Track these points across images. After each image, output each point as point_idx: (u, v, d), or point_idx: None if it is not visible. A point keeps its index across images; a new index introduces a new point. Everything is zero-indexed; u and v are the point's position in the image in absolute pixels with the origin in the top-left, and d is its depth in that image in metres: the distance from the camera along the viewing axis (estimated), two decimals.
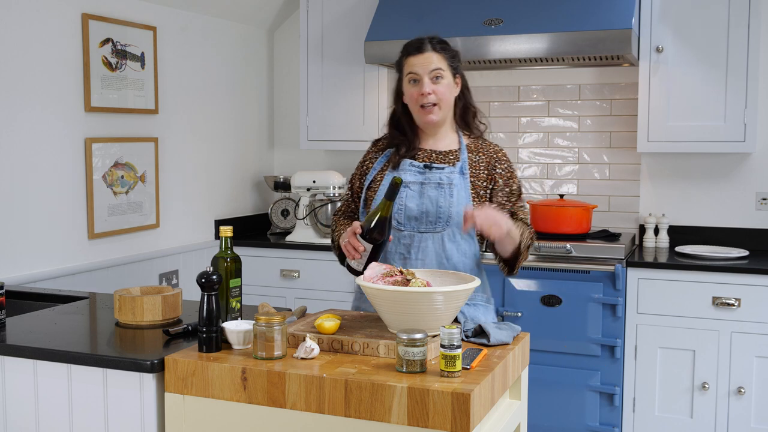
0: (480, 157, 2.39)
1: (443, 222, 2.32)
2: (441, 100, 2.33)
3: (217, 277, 1.93)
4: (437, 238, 2.33)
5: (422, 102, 2.32)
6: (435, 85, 2.32)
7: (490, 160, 2.39)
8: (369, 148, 2.54)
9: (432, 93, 2.31)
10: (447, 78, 2.34)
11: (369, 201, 2.42)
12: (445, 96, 2.34)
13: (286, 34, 4.71)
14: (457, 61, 2.38)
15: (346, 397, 1.72)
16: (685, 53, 3.61)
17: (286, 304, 4.08)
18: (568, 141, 4.17)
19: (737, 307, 3.36)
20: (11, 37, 3.03)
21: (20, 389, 2.04)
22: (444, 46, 2.37)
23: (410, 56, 2.35)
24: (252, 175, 4.57)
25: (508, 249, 2.30)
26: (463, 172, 2.35)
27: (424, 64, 2.32)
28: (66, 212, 3.29)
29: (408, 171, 2.37)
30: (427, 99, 2.32)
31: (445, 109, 2.37)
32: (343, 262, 2.47)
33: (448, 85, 2.34)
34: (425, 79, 2.31)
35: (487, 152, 2.41)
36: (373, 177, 2.44)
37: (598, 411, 3.53)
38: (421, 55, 2.33)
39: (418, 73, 2.32)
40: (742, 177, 3.87)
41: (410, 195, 2.34)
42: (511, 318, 3.59)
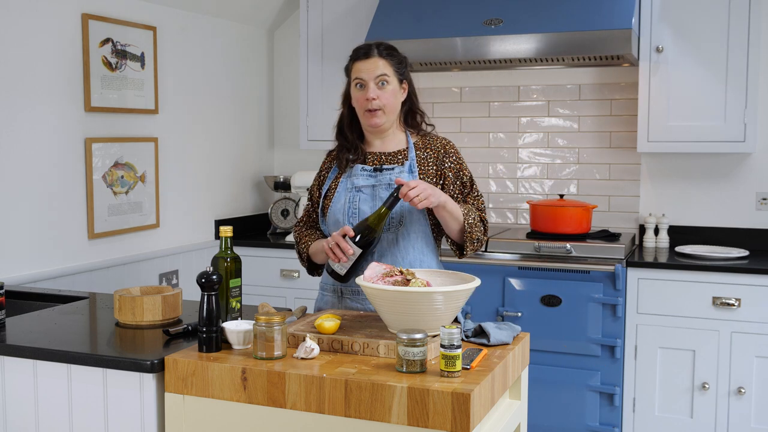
0: (428, 153, 2.42)
1: (396, 222, 2.35)
2: (385, 105, 2.36)
3: (217, 277, 1.93)
4: (391, 237, 2.36)
5: (367, 106, 2.37)
6: (380, 91, 2.35)
7: (438, 155, 2.41)
8: (324, 159, 2.58)
9: (377, 98, 2.35)
10: (392, 84, 2.37)
11: (326, 210, 2.45)
12: (389, 101, 2.37)
13: (286, 34, 4.71)
14: (403, 67, 2.42)
15: (346, 397, 1.72)
16: (685, 53, 3.61)
17: (286, 304, 4.08)
18: (568, 141, 4.17)
19: (737, 307, 3.36)
20: (11, 37, 3.03)
21: (20, 389, 2.04)
22: (391, 52, 2.40)
23: (357, 61, 2.40)
24: (252, 175, 4.58)
25: (452, 227, 2.34)
26: (412, 170, 2.39)
27: (369, 69, 2.36)
28: (66, 212, 3.29)
29: (359, 176, 2.41)
30: (372, 104, 2.36)
31: (390, 114, 2.39)
32: (313, 272, 2.54)
33: (393, 90, 2.38)
34: (371, 84, 2.35)
35: (434, 147, 2.43)
36: (328, 186, 2.48)
37: (598, 411, 3.53)
38: (368, 60, 2.37)
39: (364, 78, 2.36)
40: (742, 177, 3.87)
41: (363, 199, 2.38)
42: (511, 318, 3.59)
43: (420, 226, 2.38)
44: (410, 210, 2.35)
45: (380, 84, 2.35)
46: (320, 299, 2.51)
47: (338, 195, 2.43)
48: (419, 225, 2.38)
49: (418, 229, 2.38)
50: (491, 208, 4.33)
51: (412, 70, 4.26)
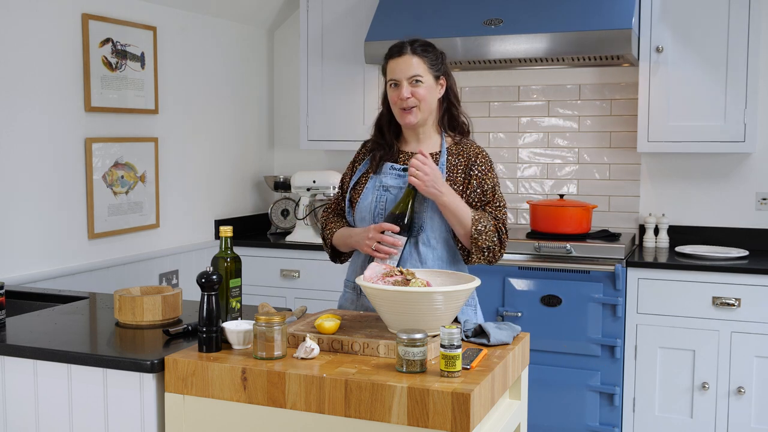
0: (459, 159, 2.39)
1: (417, 227, 2.33)
2: (420, 102, 2.35)
3: (217, 277, 1.93)
4: (412, 241, 2.33)
5: (401, 105, 2.36)
6: (414, 88, 2.34)
7: (468, 162, 2.38)
8: (359, 149, 2.57)
9: (411, 96, 2.34)
10: (427, 82, 2.36)
11: (354, 202, 2.45)
12: (424, 98, 2.35)
13: (286, 34, 4.71)
14: (439, 64, 2.40)
15: (346, 397, 1.72)
16: (685, 53, 3.61)
17: (286, 304, 4.08)
18: (568, 141, 4.17)
19: (737, 307, 3.36)
20: (11, 37, 3.03)
21: (20, 389, 2.04)
22: (425, 49, 2.38)
23: (391, 60, 2.39)
24: (252, 175, 4.58)
25: (458, 231, 2.30)
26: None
27: (403, 68, 2.35)
28: (66, 212, 3.29)
29: (389, 174, 2.40)
30: (406, 103, 2.35)
31: (425, 111, 2.38)
32: (335, 258, 2.53)
33: (428, 88, 2.36)
34: (404, 83, 2.34)
35: (466, 154, 2.39)
36: (357, 179, 2.47)
37: (598, 411, 3.53)
38: (401, 58, 2.36)
39: (398, 77, 2.36)
40: (742, 177, 3.87)
41: (390, 199, 2.37)
42: (511, 318, 3.59)
43: (441, 233, 2.35)
44: (431, 216, 2.32)
45: (414, 83, 2.34)
46: (342, 296, 2.52)
47: (366, 192, 2.42)
48: (440, 232, 2.35)
49: (439, 236, 2.35)
50: None
51: None
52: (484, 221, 2.30)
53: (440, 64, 2.40)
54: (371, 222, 2.37)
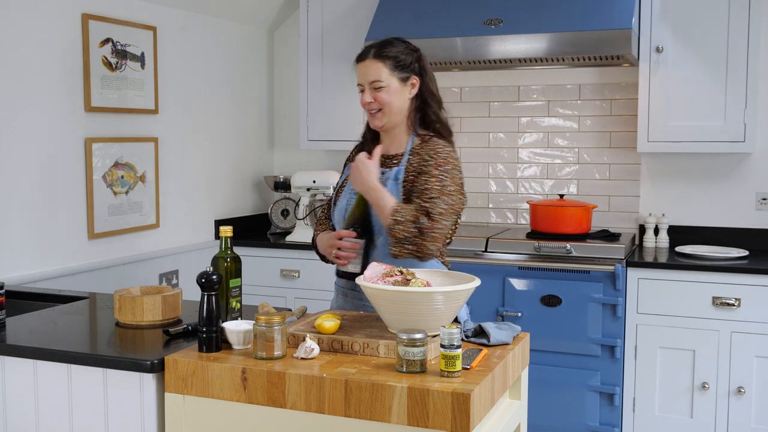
0: (416, 159, 2.32)
1: (377, 229, 2.32)
2: (384, 106, 2.33)
3: (217, 277, 1.93)
4: (378, 243, 2.33)
5: (366, 109, 2.37)
6: (375, 93, 2.33)
7: (422, 161, 2.30)
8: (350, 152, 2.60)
9: (373, 101, 2.33)
10: (390, 85, 2.32)
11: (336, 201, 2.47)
12: (387, 102, 2.32)
13: (286, 34, 4.71)
14: (408, 64, 2.34)
15: (346, 397, 1.72)
16: (685, 53, 3.61)
17: (286, 304, 4.08)
18: (568, 141, 4.17)
19: (737, 307, 3.36)
20: (11, 37, 3.03)
21: (20, 389, 2.04)
22: (389, 52, 2.32)
23: (356, 64, 2.39)
24: (252, 175, 4.57)
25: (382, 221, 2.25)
26: (398, 177, 2.32)
27: (363, 74, 2.35)
28: (66, 212, 3.29)
29: None
30: (369, 107, 2.35)
31: (391, 114, 2.34)
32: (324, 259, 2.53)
33: (392, 91, 2.32)
34: (366, 89, 2.34)
35: (424, 150, 2.32)
36: (340, 184, 2.50)
37: (598, 411, 3.53)
38: (362, 63, 2.35)
39: (361, 82, 2.36)
40: (742, 177, 3.87)
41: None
42: (511, 318, 3.59)
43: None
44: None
45: (375, 87, 2.32)
46: (333, 300, 2.54)
47: (343, 195, 2.45)
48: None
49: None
50: (491, 208, 4.33)
51: None
52: (404, 212, 2.20)
53: (410, 64, 2.35)
54: (340, 223, 2.39)
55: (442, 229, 2.23)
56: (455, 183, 2.30)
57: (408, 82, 2.35)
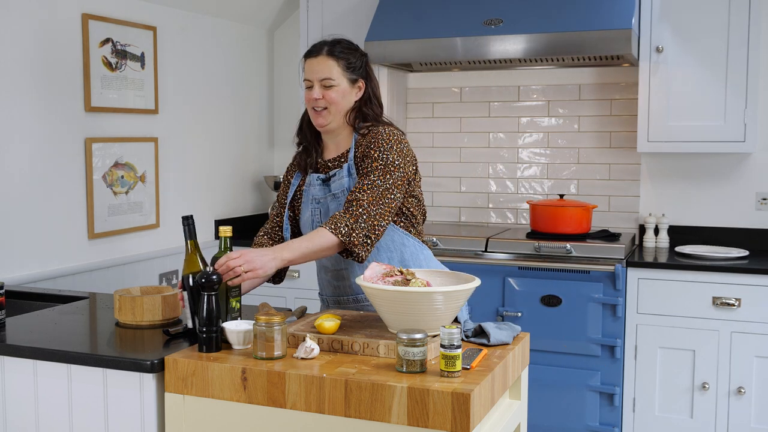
0: (360, 149, 2.31)
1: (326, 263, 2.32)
2: (330, 105, 2.30)
3: (217, 277, 1.93)
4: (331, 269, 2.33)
5: (312, 105, 2.32)
6: (325, 91, 2.29)
7: (365, 148, 2.28)
8: (291, 162, 2.51)
9: (321, 98, 2.30)
10: (340, 85, 2.29)
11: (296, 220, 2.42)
12: (335, 102, 2.30)
13: (286, 34, 4.71)
14: (358, 67, 2.33)
15: (346, 397, 1.72)
16: (685, 53, 3.61)
17: (286, 304, 4.08)
18: (568, 141, 4.17)
19: (737, 307, 3.36)
20: (11, 37, 3.03)
21: (20, 389, 2.04)
22: (342, 51, 2.31)
23: (307, 59, 2.34)
24: (252, 175, 4.58)
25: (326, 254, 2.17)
26: (350, 172, 2.31)
27: (315, 69, 2.30)
28: (66, 212, 3.29)
29: (315, 185, 2.37)
30: (316, 104, 2.31)
31: (336, 114, 2.32)
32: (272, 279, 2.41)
33: (341, 91, 2.30)
34: (316, 85, 2.30)
35: (367, 140, 2.29)
36: (294, 195, 2.44)
37: (598, 411, 3.53)
38: (315, 59, 2.31)
39: (310, 78, 2.31)
40: (742, 177, 3.87)
41: (323, 211, 2.35)
42: (511, 318, 3.59)
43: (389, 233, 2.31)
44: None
45: (325, 85, 2.29)
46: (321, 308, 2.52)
47: (304, 206, 2.40)
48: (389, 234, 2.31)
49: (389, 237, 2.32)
50: (491, 208, 4.32)
51: (412, 70, 4.31)
52: (341, 221, 2.15)
53: (359, 67, 2.33)
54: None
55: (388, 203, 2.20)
56: (402, 156, 2.26)
57: (356, 84, 2.34)
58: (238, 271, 2.02)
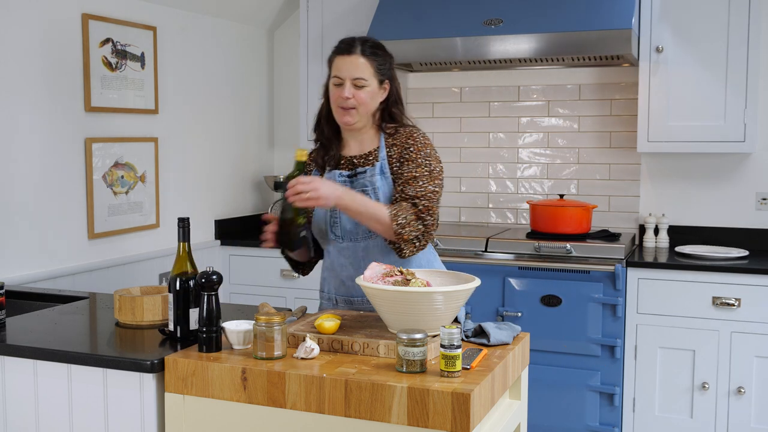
0: (394, 150, 2.33)
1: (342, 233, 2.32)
2: (360, 105, 2.30)
3: (217, 277, 1.93)
4: (375, 244, 2.32)
5: (341, 104, 2.31)
6: (356, 90, 2.29)
7: (402, 149, 2.32)
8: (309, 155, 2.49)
9: (351, 98, 2.29)
10: (371, 85, 2.30)
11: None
12: (365, 102, 2.30)
13: (286, 34, 4.71)
14: (386, 68, 2.34)
15: (346, 397, 1.72)
16: (685, 53, 3.61)
17: (286, 304, 4.08)
18: (568, 141, 4.17)
19: (737, 307, 3.36)
20: (11, 37, 3.03)
21: (20, 389, 2.04)
22: (374, 52, 2.31)
23: (339, 56, 2.32)
24: (252, 175, 4.58)
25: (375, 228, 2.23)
26: (383, 171, 2.32)
27: (349, 68, 2.29)
28: (66, 212, 3.29)
29: (337, 182, 2.35)
30: (346, 103, 2.29)
31: (364, 114, 2.33)
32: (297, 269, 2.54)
33: (371, 92, 2.31)
34: (347, 84, 2.28)
35: (399, 141, 2.33)
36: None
37: (598, 411, 3.53)
38: (348, 57, 2.29)
39: (342, 76, 2.29)
40: (742, 177, 3.87)
41: None
42: (511, 318, 3.59)
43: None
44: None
45: (357, 84, 2.29)
46: (319, 308, 2.52)
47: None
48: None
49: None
50: (491, 208, 4.33)
51: (412, 70, 4.30)
52: (403, 212, 2.21)
53: (387, 68, 2.35)
54: (329, 234, 2.37)
55: (437, 215, 2.30)
56: (438, 165, 2.34)
57: (383, 85, 2.35)
58: (304, 197, 2.11)
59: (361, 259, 2.34)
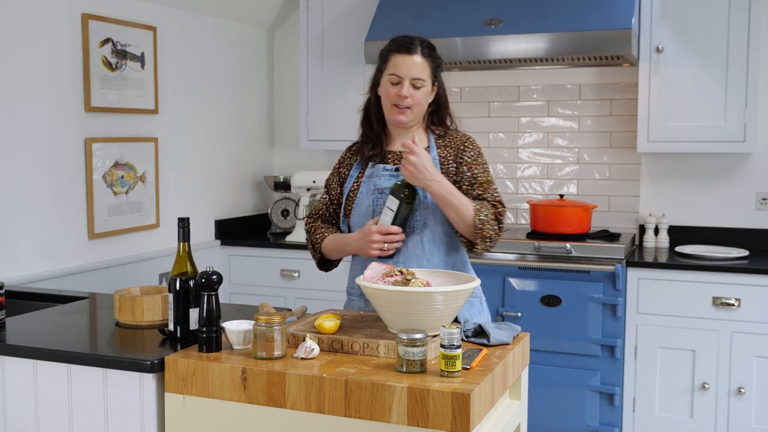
0: (448, 151, 2.37)
1: (421, 224, 2.31)
2: (416, 105, 2.32)
3: (217, 277, 1.93)
4: (416, 240, 2.32)
5: (397, 102, 2.31)
6: (414, 90, 2.31)
7: (457, 152, 2.36)
8: (344, 155, 2.50)
9: (409, 97, 2.30)
10: (426, 86, 2.33)
11: (348, 212, 2.40)
12: (420, 102, 2.33)
13: (286, 34, 4.71)
14: (440, 69, 2.37)
15: (346, 397, 1.72)
16: (685, 53, 3.61)
17: (286, 304, 4.08)
18: (568, 141, 4.17)
19: (737, 307, 3.36)
20: (11, 37, 3.03)
21: (20, 389, 2.04)
22: (432, 52, 2.34)
23: (398, 54, 2.31)
24: (252, 175, 4.58)
25: (454, 220, 2.28)
26: None
27: (410, 67, 2.29)
28: (66, 212, 3.29)
29: (382, 176, 2.36)
30: (403, 102, 2.31)
31: (418, 114, 2.36)
32: (323, 265, 2.51)
33: (426, 92, 2.34)
34: (406, 83, 2.29)
35: (454, 144, 2.38)
36: (350, 187, 2.42)
37: (598, 411, 3.53)
38: (409, 56, 2.30)
39: (402, 75, 2.30)
40: (742, 177, 3.87)
41: (384, 202, 2.32)
42: (511, 318, 3.59)
43: (446, 227, 2.34)
44: (434, 212, 2.31)
45: (416, 84, 2.30)
46: (348, 304, 2.50)
47: (361, 197, 2.38)
48: (444, 226, 2.34)
49: (443, 230, 2.34)
50: None
51: None
52: (485, 210, 2.28)
53: (440, 69, 2.38)
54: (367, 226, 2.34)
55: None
56: None
57: (434, 86, 2.37)
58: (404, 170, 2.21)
59: (401, 254, 2.32)
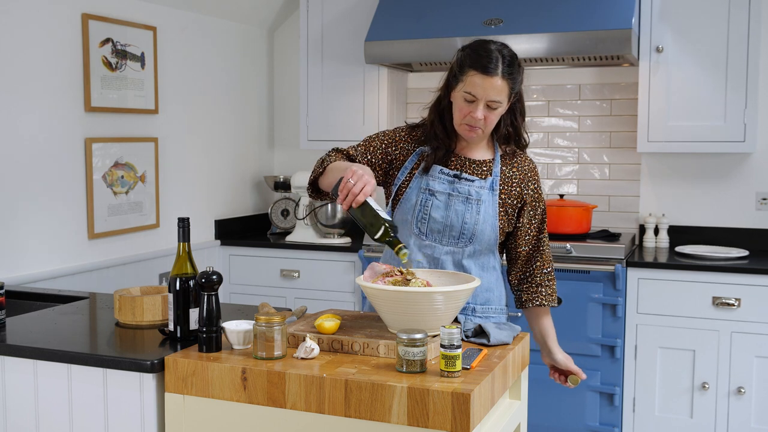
0: (514, 172, 2.27)
1: (466, 239, 2.22)
2: (488, 125, 2.20)
3: (217, 277, 1.93)
4: (458, 253, 2.24)
5: (470, 122, 2.19)
6: (488, 112, 2.17)
7: (524, 178, 2.28)
8: (402, 134, 2.35)
9: (483, 119, 2.17)
10: (502, 106, 2.19)
11: (396, 203, 2.31)
12: (493, 122, 2.21)
13: (286, 34, 4.71)
14: (519, 85, 2.21)
15: (346, 397, 1.72)
16: (685, 53, 3.61)
17: (286, 304, 4.08)
18: (568, 141, 4.17)
19: (737, 307, 3.36)
20: (11, 37, 3.03)
21: (20, 389, 2.04)
22: (512, 71, 2.16)
23: (477, 74, 2.14)
24: (252, 175, 4.58)
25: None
26: (494, 187, 2.24)
27: (487, 89, 2.13)
28: (66, 212, 3.29)
29: (437, 178, 2.24)
30: (476, 122, 2.18)
31: (489, 132, 2.24)
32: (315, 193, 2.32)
33: (500, 112, 2.20)
34: (481, 105, 2.15)
35: (522, 169, 2.29)
36: (403, 178, 2.30)
37: (598, 411, 3.53)
38: (490, 78, 2.13)
39: (478, 95, 2.14)
40: (742, 177, 3.87)
41: (436, 205, 2.23)
42: (511, 318, 3.58)
43: (490, 245, 2.26)
44: (482, 229, 2.22)
45: (491, 106, 2.16)
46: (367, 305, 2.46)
47: (410, 192, 2.27)
48: (489, 244, 2.26)
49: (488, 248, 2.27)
50: None
51: (412, 70, 4.31)
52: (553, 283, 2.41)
53: (519, 85, 2.21)
54: (414, 225, 2.25)
55: None
56: None
57: (509, 101, 2.22)
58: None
59: (438, 262, 2.25)
